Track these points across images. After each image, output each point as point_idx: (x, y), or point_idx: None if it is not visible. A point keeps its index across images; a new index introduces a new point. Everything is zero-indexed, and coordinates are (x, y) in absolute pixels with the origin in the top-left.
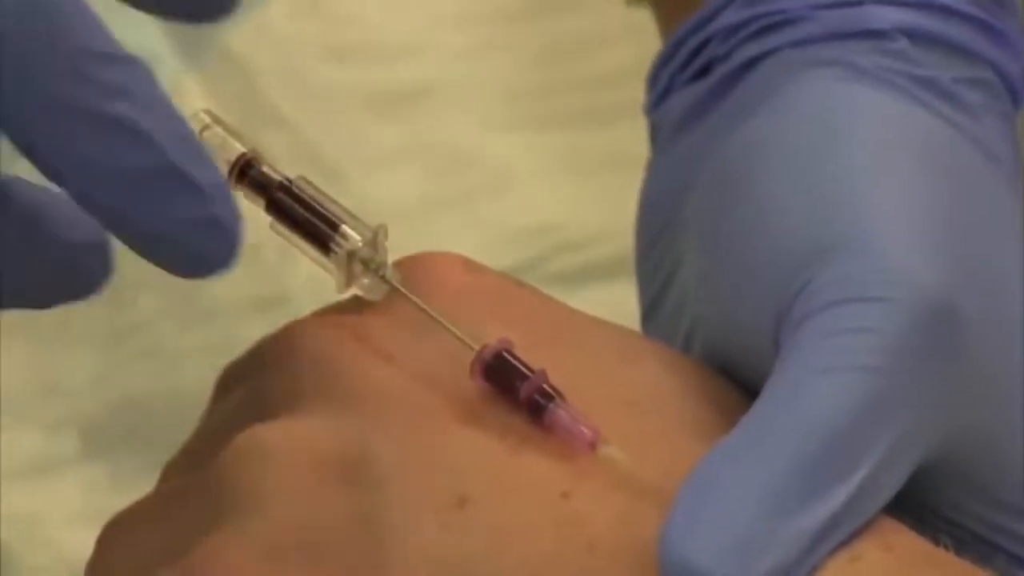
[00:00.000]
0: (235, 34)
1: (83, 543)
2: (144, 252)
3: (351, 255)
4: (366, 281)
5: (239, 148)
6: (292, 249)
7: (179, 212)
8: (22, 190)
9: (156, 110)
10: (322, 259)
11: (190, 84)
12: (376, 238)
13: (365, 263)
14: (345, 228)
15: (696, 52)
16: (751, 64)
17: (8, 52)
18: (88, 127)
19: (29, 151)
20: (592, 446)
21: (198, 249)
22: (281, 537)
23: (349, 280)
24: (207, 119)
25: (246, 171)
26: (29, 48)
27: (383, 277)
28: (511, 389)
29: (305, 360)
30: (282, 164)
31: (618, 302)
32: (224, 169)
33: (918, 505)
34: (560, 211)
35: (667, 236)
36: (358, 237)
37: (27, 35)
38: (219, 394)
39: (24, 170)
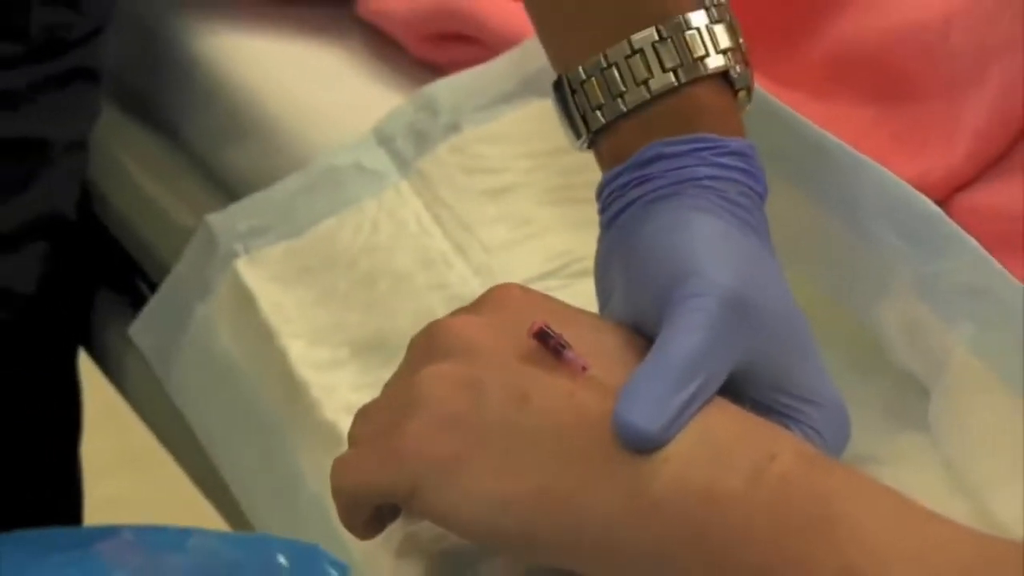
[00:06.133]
0: (426, 162)
1: (351, 413)
2: None
3: None
4: None
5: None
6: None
7: None
8: None
9: None
10: None
11: (405, 187)
12: None
13: None
14: None
15: (612, 192)
16: (635, 200)
17: None
18: None
19: None
20: (585, 370)
21: None
22: (438, 420)
23: None
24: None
25: None
26: None
27: None
28: (546, 342)
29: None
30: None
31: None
32: None
33: (737, 394)
34: (575, 244)
35: (607, 275)
36: None
37: None
38: (409, 349)
39: None
